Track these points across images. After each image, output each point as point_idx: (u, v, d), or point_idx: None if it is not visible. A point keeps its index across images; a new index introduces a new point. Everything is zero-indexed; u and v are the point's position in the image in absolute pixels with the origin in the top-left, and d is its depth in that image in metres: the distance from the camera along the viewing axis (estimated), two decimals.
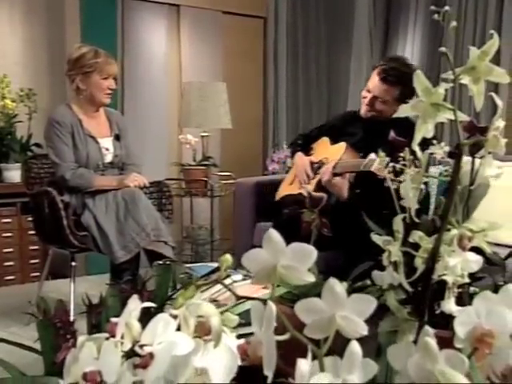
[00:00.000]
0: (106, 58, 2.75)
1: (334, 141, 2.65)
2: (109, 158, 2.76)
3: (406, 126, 2.69)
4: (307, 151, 2.76)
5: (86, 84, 2.71)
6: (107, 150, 2.77)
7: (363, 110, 2.55)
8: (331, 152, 2.61)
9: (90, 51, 2.72)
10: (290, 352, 0.55)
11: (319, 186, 2.44)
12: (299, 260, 0.50)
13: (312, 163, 2.63)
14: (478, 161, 0.82)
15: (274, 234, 0.50)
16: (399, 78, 2.41)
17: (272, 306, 0.47)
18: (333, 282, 0.48)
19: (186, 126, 3.63)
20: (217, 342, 0.53)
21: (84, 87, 2.71)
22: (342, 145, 2.54)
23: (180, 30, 4.27)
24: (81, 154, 2.66)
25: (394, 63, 2.47)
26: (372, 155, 2.22)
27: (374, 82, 2.48)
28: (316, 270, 0.91)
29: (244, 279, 1.60)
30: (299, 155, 2.74)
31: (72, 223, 2.50)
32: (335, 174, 2.35)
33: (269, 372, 0.49)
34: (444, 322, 0.82)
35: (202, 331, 0.54)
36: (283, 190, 2.81)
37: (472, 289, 0.93)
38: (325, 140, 2.72)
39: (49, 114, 2.82)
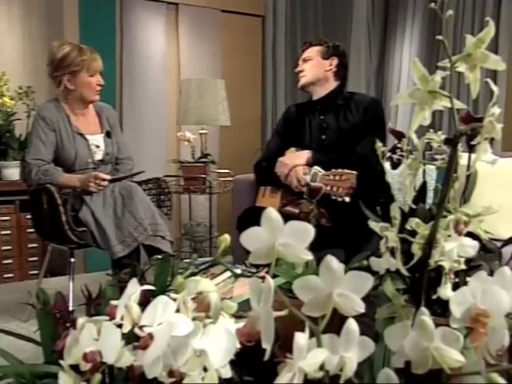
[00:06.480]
0: (91, 54, 2.63)
1: (298, 138, 2.65)
2: (99, 155, 2.69)
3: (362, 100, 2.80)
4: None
5: (74, 84, 2.61)
6: (97, 147, 2.69)
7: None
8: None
9: (74, 49, 2.60)
10: (287, 341, 0.56)
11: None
12: (297, 238, 0.51)
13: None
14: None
15: (273, 213, 0.50)
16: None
17: (270, 280, 0.48)
18: (330, 258, 0.48)
19: (185, 124, 3.63)
20: (215, 318, 0.54)
21: (72, 87, 2.61)
22: (292, 150, 2.57)
23: (178, 28, 4.28)
24: (68, 152, 2.60)
25: None
26: (315, 167, 2.22)
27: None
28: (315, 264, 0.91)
29: (243, 274, 1.61)
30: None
31: (71, 219, 2.50)
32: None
33: (267, 345, 0.50)
34: (440, 311, 0.83)
35: (201, 308, 0.55)
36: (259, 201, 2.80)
37: (468, 278, 0.93)
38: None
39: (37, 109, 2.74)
